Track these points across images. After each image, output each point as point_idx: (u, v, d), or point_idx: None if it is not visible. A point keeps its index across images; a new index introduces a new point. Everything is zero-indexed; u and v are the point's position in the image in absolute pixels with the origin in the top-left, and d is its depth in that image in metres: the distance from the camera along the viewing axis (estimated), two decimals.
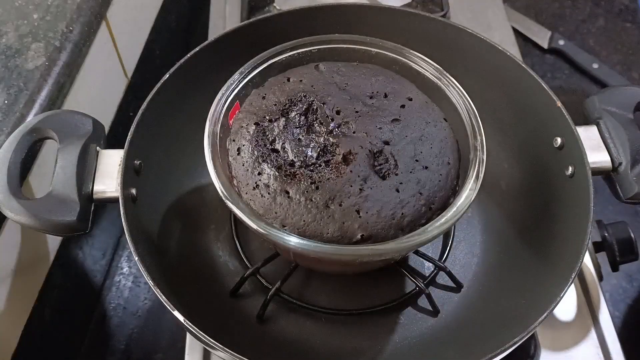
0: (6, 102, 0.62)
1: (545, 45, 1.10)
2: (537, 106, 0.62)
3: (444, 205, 0.51)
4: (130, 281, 0.83)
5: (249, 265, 0.63)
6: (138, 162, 0.57)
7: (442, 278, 0.63)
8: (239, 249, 0.64)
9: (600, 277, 0.71)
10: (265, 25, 0.67)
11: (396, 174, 0.50)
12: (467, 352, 0.53)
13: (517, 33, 1.10)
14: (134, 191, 0.56)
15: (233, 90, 0.56)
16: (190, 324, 0.48)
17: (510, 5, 1.15)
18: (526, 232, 0.63)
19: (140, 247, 0.52)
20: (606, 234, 0.71)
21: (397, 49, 0.59)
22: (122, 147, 0.56)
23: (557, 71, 1.09)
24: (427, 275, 0.63)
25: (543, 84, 0.61)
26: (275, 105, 0.55)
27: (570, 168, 0.58)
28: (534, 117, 0.63)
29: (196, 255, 0.63)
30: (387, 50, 0.60)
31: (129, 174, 0.56)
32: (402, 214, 0.49)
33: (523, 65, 0.63)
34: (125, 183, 0.54)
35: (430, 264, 0.63)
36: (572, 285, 0.51)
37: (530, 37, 1.11)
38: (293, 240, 0.46)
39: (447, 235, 0.66)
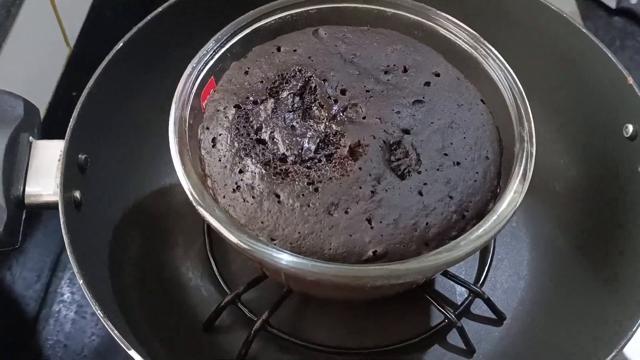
0: None
1: (613, 5, 1.09)
2: (602, 84, 0.62)
3: (481, 213, 0.51)
4: (73, 311, 0.83)
5: (227, 290, 0.63)
6: (83, 156, 0.57)
7: (479, 307, 0.63)
8: (215, 269, 0.64)
9: None
10: None
11: (419, 172, 0.50)
12: None
13: None
14: (77, 194, 0.55)
15: (207, 63, 0.56)
16: None
17: None
18: (588, 247, 0.63)
19: (87, 267, 0.52)
20: None
21: (419, 9, 0.59)
22: (63, 137, 0.56)
23: (628, 38, 1.09)
24: (459, 303, 0.63)
25: (610, 55, 0.61)
26: (262, 82, 0.55)
27: None
28: (598, 98, 0.63)
29: (159, 278, 0.64)
30: (406, 10, 0.60)
31: (72, 171, 0.56)
32: (427, 223, 0.49)
33: (584, 30, 0.63)
34: (67, 183, 0.54)
35: (463, 289, 0.63)
36: None
37: None
38: (284, 259, 0.46)
39: (485, 251, 0.66)
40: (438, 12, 0.59)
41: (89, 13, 0.90)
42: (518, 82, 0.55)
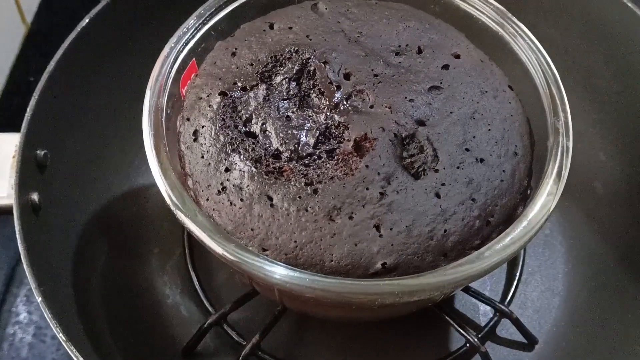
0: None
1: None
2: None
3: (509, 218, 0.51)
4: (31, 334, 0.83)
5: (211, 309, 0.63)
6: (42, 152, 0.57)
7: (506, 329, 0.63)
8: (197, 284, 0.64)
9: None
10: None
11: (436, 171, 0.50)
12: None
13: None
14: (35, 196, 0.55)
15: (187, 43, 0.56)
16: None
17: None
18: (634, 257, 0.63)
19: (46, 282, 0.52)
20: None
21: None
22: (18, 130, 0.56)
23: None
24: (482, 324, 0.63)
25: None
26: (252, 65, 0.55)
27: None
28: None
29: (132, 295, 0.63)
30: None
31: (29, 170, 0.56)
32: (445, 230, 0.49)
33: (630, 4, 0.63)
34: (23, 184, 0.54)
35: (488, 308, 0.63)
36: None
37: None
38: (278, 273, 0.46)
39: (513, 263, 0.66)
40: None
41: None
42: (552, 65, 0.55)
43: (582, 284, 0.65)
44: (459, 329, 0.59)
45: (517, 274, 0.65)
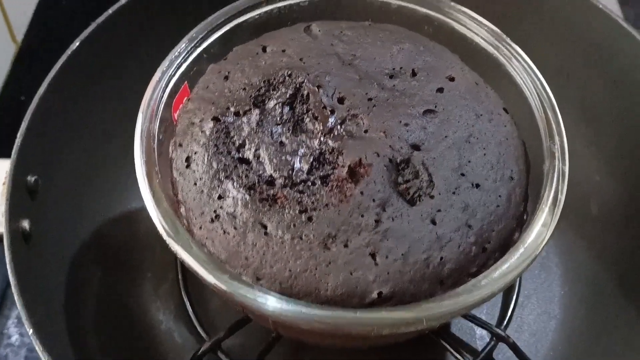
0: None
1: None
2: None
3: (506, 244, 0.50)
4: (23, 356, 0.82)
5: (205, 335, 0.62)
6: (33, 178, 0.57)
7: (503, 353, 0.62)
8: (190, 309, 0.64)
9: None
10: None
11: (431, 197, 0.50)
12: None
13: None
14: (26, 224, 0.55)
15: (179, 67, 0.56)
16: None
17: None
18: (631, 280, 0.63)
19: (37, 312, 0.51)
20: None
21: (430, 0, 0.59)
22: (8, 155, 0.56)
23: None
24: (479, 349, 0.62)
25: None
26: (245, 89, 0.54)
27: None
28: None
29: (124, 321, 0.63)
30: (415, 2, 0.60)
31: (20, 196, 0.55)
32: (442, 258, 0.48)
33: (624, 24, 0.63)
34: (14, 211, 0.54)
35: (485, 332, 0.63)
36: None
37: None
38: (271, 303, 0.45)
39: (509, 287, 0.65)
40: (452, 3, 0.59)
41: (39, 3, 0.90)
42: (547, 88, 0.55)
43: (578, 307, 0.64)
44: (456, 354, 0.59)
45: (514, 297, 0.65)
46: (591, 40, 0.66)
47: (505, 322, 0.64)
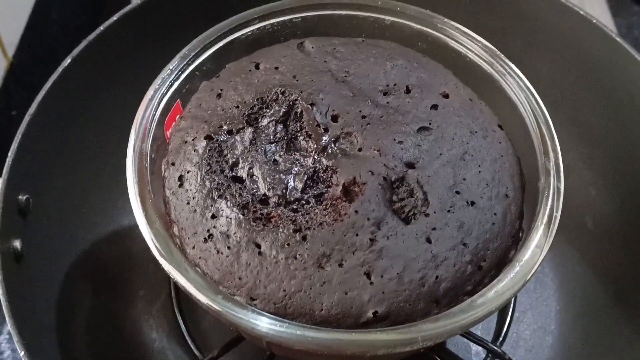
0: None
1: None
2: (639, 100, 0.62)
3: (501, 262, 0.50)
4: None
5: (198, 354, 0.62)
6: (24, 197, 0.56)
7: None
8: (183, 327, 0.63)
9: None
10: None
11: (426, 215, 0.49)
12: None
13: None
14: (17, 243, 0.55)
15: (171, 84, 0.55)
16: None
17: None
18: (627, 294, 0.62)
19: (29, 333, 0.51)
20: None
21: (424, 16, 0.59)
22: None
23: None
24: None
25: None
26: (238, 107, 0.54)
27: None
28: (635, 118, 0.63)
29: (117, 340, 0.63)
30: (409, 18, 0.60)
31: (10, 216, 0.55)
32: (437, 277, 0.48)
33: (618, 39, 0.63)
34: (5, 231, 0.53)
35: (480, 348, 0.63)
36: None
37: None
38: (264, 325, 0.45)
39: None
40: (446, 20, 0.59)
41: (30, 18, 0.89)
42: (542, 104, 0.55)
43: (574, 322, 0.64)
44: None
45: (509, 313, 0.65)
46: (584, 55, 0.66)
47: (501, 338, 0.63)
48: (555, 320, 0.65)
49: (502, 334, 0.64)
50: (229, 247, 0.49)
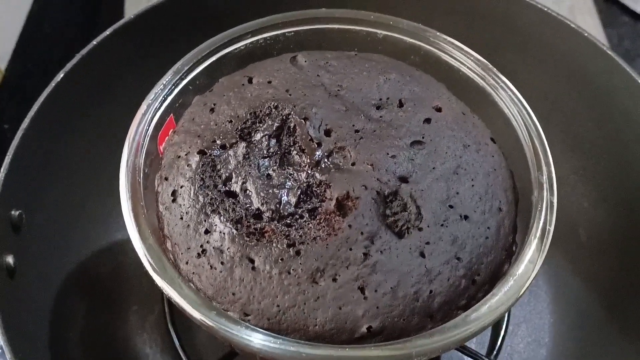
0: None
1: (639, 9, 1.10)
2: (631, 113, 0.63)
3: (495, 276, 0.50)
4: None
5: None
6: (17, 212, 0.56)
7: None
8: (177, 342, 0.63)
9: None
10: None
11: (420, 229, 0.49)
12: None
13: None
14: (10, 259, 0.54)
15: (165, 99, 0.55)
16: None
17: None
18: (620, 307, 0.62)
19: (23, 349, 0.50)
20: None
21: (416, 30, 0.59)
22: None
23: None
24: None
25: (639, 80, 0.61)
26: (231, 122, 0.54)
27: None
28: (627, 130, 0.64)
29: (111, 354, 0.62)
30: (401, 32, 0.60)
31: (3, 231, 0.55)
32: (431, 291, 0.48)
33: (609, 51, 0.63)
34: None
35: None
36: None
37: None
38: (257, 341, 0.45)
39: None
40: (438, 34, 0.59)
41: (23, 31, 0.89)
42: (534, 118, 0.55)
43: (568, 334, 0.64)
44: None
45: (503, 325, 0.65)
46: (576, 68, 0.66)
47: (495, 352, 0.63)
48: (549, 333, 0.65)
49: (497, 347, 0.64)
50: (222, 263, 0.48)
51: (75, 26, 1.02)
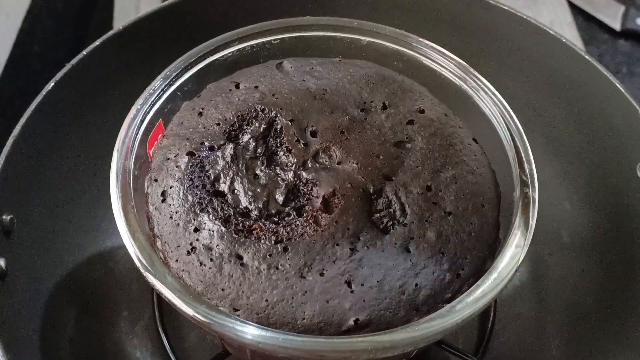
0: None
1: (618, 27, 1.12)
2: (610, 117, 0.64)
3: (479, 270, 0.51)
4: None
5: None
6: (8, 217, 0.56)
7: None
8: (167, 346, 0.63)
9: None
10: (202, 4, 0.67)
11: (404, 225, 0.50)
12: None
13: (575, 9, 1.12)
14: (1, 263, 0.54)
15: (154, 104, 0.56)
16: None
17: None
18: (605, 305, 0.63)
19: (11, 349, 0.50)
20: None
21: (399, 36, 0.60)
22: None
23: (636, 64, 1.11)
24: None
25: (618, 85, 0.62)
26: (219, 124, 0.55)
27: None
28: (606, 134, 0.65)
29: (101, 358, 0.62)
30: (384, 38, 0.61)
31: None
32: (416, 285, 0.49)
33: (587, 57, 0.64)
34: None
35: None
36: None
37: (595, 15, 1.13)
38: (249, 333, 0.45)
39: (485, 315, 0.66)
40: (420, 39, 0.60)
41: (15, 45, 0.90)
42: (515, 118, 0.56)
43: (553, 334, 0.65)
44: None
45: (489, 325, 0.65)
46: (556, 74, 0.67)
47: (482, 350, 0.64)
48: (534, 334, 0.65)
49: (482, 346, 0.64)
50: (211, 259, 0.49)
51: (64, 46, 1.02)
